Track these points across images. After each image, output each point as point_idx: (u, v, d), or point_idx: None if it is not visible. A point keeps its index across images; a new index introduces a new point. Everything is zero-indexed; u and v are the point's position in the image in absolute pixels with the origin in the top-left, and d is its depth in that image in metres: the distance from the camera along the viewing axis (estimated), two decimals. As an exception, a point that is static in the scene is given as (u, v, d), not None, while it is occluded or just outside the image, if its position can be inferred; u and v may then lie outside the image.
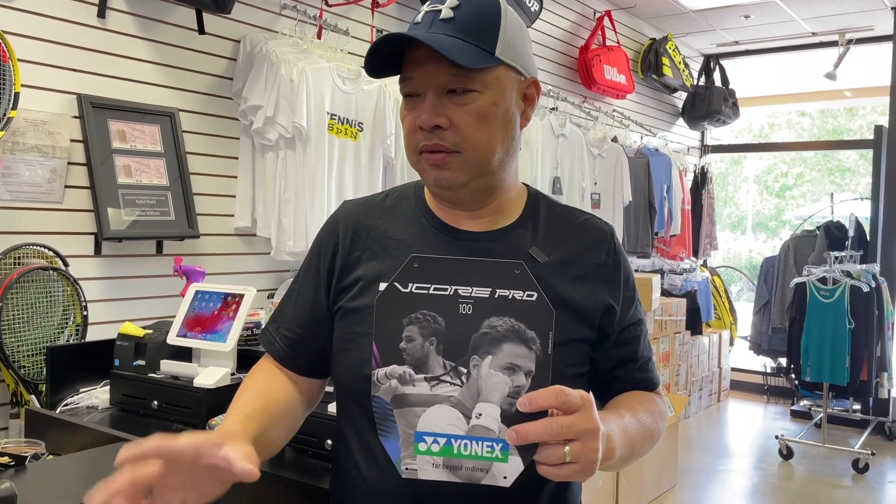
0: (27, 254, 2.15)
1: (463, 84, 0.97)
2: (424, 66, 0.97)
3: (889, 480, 4.40)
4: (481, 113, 0.98)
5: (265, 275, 2.97)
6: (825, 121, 12.08)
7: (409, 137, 1.02)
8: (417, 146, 1.01)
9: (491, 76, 0.99)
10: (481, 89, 0.98)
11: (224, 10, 2.52)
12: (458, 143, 0.98)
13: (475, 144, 0.99)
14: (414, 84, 1.00)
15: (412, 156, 1.03)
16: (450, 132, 0.98)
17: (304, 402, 1.10)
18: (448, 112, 0.98)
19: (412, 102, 1.01)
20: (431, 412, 0.86)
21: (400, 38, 0.97)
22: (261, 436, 0.94)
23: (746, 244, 11.88)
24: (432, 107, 0.98)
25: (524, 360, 0.85)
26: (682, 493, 4.03)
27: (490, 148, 1.00)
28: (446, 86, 0.98)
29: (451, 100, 0.98)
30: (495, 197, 1.06)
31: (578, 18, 4.95)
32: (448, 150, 0.99)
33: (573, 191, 4.35)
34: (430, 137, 0.99)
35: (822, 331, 4.65)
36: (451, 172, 1.00)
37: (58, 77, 2.29)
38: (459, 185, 1.01)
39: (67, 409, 1.81)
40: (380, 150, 3.00)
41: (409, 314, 0.87)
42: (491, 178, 1.03)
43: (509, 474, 0.85)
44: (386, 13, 3.43)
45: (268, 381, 1.07)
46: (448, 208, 1.07)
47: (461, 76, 0.97)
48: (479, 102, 0.98)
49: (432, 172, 1.01)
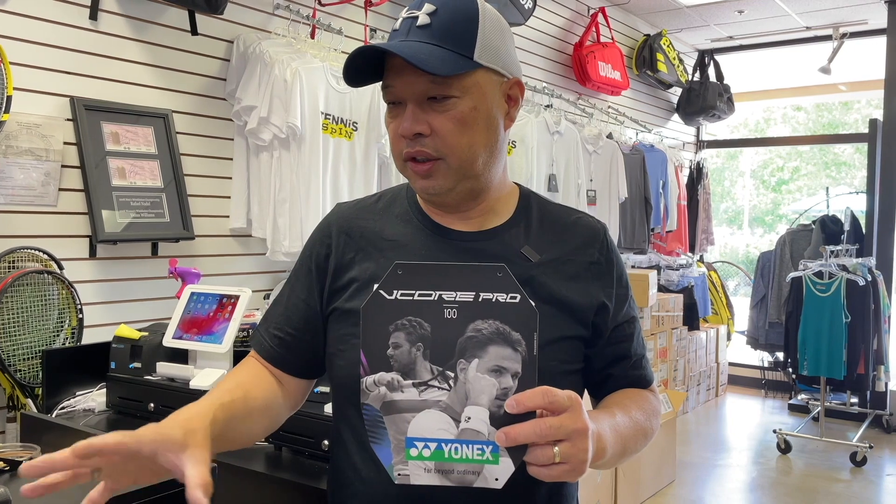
0: (22, 257, 2.14)
1: (442, 91, 0.98)
2: (403, 75, 0.98)
3: (887, 473, 4.42)
4: (462, 118, 0.99)
5: (261, 275, 2.97)
6: (820, 115, 12.09)
7: (394, 144, 1.03)
8: (402, 153, 1.02)
9: (470, 81, 0.99)
10: (461, 94, 0.99)
11: (217, 10, 2.52)
12: (441, 149, 0.99)
13: (457, 150, 0.99)
14: (394, 92, 1.01)
15: (398, 162, 1.04)
16: (431, 139, 0.99)
17: (288, 401, 1.11)
18: (429, 119, 0.99)
19: (395, 110, 1.02)
20: (421, 417, 0.86)
21: (373, 51, 0.98)
22: (231, 426, 0.95)
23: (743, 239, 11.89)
24: (412, 115, 0.99)
25: (510, 362, 0.86)
26: (680, 488, 4.03)
27: (472, 152, 1.01)
28: (425, 93, 0.98)
29: (431, 107, 0.99)
30: (483, 198, 1.07)
31: (572, 15, 4.94)
32: (432, 158, 1.00)
33: (569, 188, 4.35)
34: (413, 145, 1.00)
35: (819, 325, 4.66)
36: (437, 180, 1.01)
37: (50, 80, 2.29)
38: (446, 190, 1.02)
39: (64, 412, 1.81)
40: (374, 150, 2.99)
41: (395, 321, 0.88)
42: (476, 181, 1.04)
43: (500, 476, 0.85)
44: (379, 12, 3.43)
45: (250, 375, 1.08)
46: (439, 210, 1.08)
47: (439, 83, 0.97)
48: (459, 108, 0.99)
49: (418, 181, 1.03)
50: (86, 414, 1.81)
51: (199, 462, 0.79)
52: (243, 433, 1.00)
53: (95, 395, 1.86)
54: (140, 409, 1.75)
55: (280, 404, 1.09)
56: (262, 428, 1.06)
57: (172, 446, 0.80)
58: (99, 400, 1.84)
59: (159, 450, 0.80)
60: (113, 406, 1.81)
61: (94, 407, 1.82)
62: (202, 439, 0.84)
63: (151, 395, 1.74)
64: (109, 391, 1.82)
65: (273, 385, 1.08)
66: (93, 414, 1.81)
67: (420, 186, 1.03)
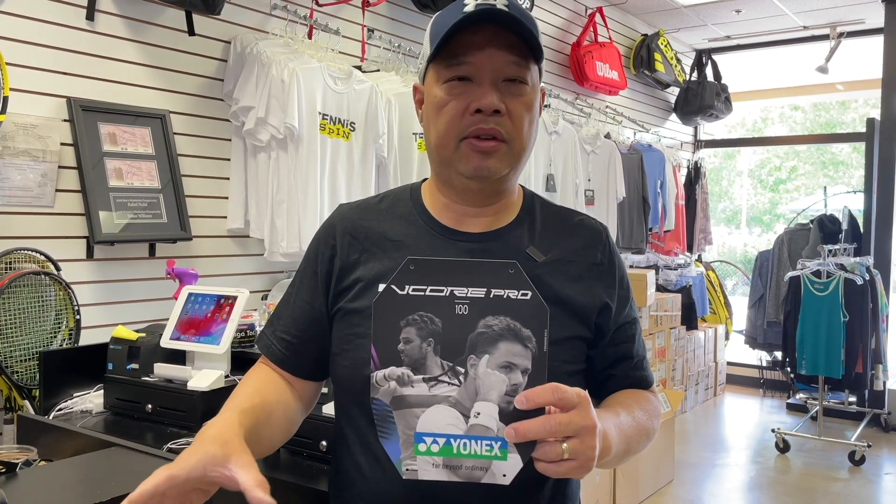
0: (18, 258, 2.14)
1: (521, 73, 0.99)
2: (485, 50, 0.97)
3: (885, 472, 4.42)
4: (530, 106, 1.00)
5: (259, 276, 2.97)
6: (818, 114, 12.10)
7: (454, 122, 0.99)
8: (464, 131, 0.99)
9: (534, 73, 1.01)
10: (529, 83, 1.00)
11: (214, 11, 2.51)
12: (511, 132, 0.99)
13: (523, 136, 1.00)
14: (470, 67, 0.98)
15: (451, 141, 1.00)
16: (506, 119, 0.99)
17: (301, 404, 1.10)
18: (505, 100, 0.98)
19: (459, 87, 0.99)
20: (430, 412, 0.87)
21: (489, 12, 0.94)
22: (255, 431, 0.94)
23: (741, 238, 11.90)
24: (493, 91, 0.98)
25: (520, 359, 0.86)
26: (679, 488, 4.04)
27: (529, 143, 1.03)
28: (504, 73, 0.98)
29: (507, 89, 0.99)
30: (504, 196, 1.08)
31: (570, 15, 4.95)
32: (500, 138, 0.99)
33: (567, 188, 4.35)
34: (488, 122, 0.98)
35: (817, 324, 4.66)
36: (495, 162, 1.00)
37: (47, 80, 2.28)
38: (498, 175, 1.01)
39: (61, 413, 1.80)
40: (372, 150, 2.99)
41: (407, 316, 0.88)
42: (515, 175, 1.05)
43: (509, 472, 0.86)
44: (376, 12, 3.42)
45: (263, 381, 1.07)
46: (450, 208, 1.07)
47: (520, 65, 0.98)
48: (529, 96, 1.00)
49: (474, 159, 0.99)
50: (83, 415, 1.80)
51: (246, 466, 0.81)
52: (266, 438, 0.99)
53: (93, 397, 1.85)
54: (138, 410, 1.74)
55: (295, 408, 1.08)
56: (282, 433, 1.05)
57: (217, 462, 0.81)
58: (96, 401, 1.83)
59: (207, 468, 0.81)
60: (110, 407, 1.81)
61: (91, 408, 1.82)
62: (240, 445, 0.85)
63: (149, 397, 1.73)
64: (107, 392, 1.82)
65: (286, 389, 1.08)
66: (90, 415, 1.80)
67: (474, 166, 0.99)
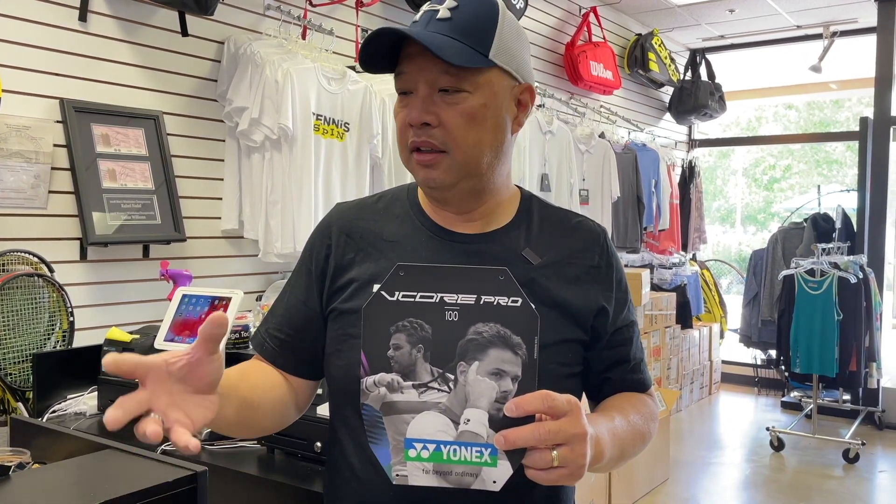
0: (11, 260, 2.13)
1: (454, 83, 0.98)
2: (416, 62, 0.98)
3: (880, 470, 4.44)
4: (471, 114, 0.99)
5: (253, 277, 2.96)
6: (812, 113, 12.13)
7: (401, 134, 1.03)
8: (408, 143, 1.01)
9: (483, 78, 0.99)
10: (472, 90, 0.99)
11: (207, 11, 2.50)
12: (447, 142, 0.99)
13: (463, 145, 0.99)
14: (406, 80, 1.00)
15: (403, 152, 1.04)
16: (438, 130, 0.99)
17: (294, 397, 1.10)
18: (438, 110, 0.98)
19: (405, 100, 1.01)
20: (420, 419, 0.87)
21: (389, 33, 0.97)
22: (242, 406, 0.94)
23: (736, 237, 11.92)
24: (422, 103, 0.99)
25: (510, 366, 0.86)
26: (674, 486, 4.04)
27: (477, 150, 1.00)
28: (437, 83, 0.98)
29: (442, 98, 0.99)
30: (486, 200, 1.07)
31: (564, 15, 4.95)
32: (436, 150, 0.99)
33: (561, 187, 4.35)
34: (420, 134, 0.99)
35: (811, 322, 4.68)
36: (439, 172, 1.00)
37: (40, 82, 2.27)
38: (447, 185, 1.01)
39: (55, 415, 1.80)
40: (366, 150, 2.99)
41: (396, 322, 0.88)
42: (479, 181, 1.03)
43: (498, 479, 0.86)
44: (370, 12, 3.42)
45: (257, 368, 1.08)
46: (441, 210, 1.08)
47: (452, 74, 0.97)
48: (469, 103, 0.98)
49: (420, 172, 1.02)
50: (77, 418, 1.80)
51: None
52: (252, 420, 0.99)
53: (86, 399, 1.85)
54: (132, 412, 1.74)
55: (286, 397, 1.08)
56: (269, 420, 1.04)
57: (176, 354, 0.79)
58: (90, 403, 1.83)
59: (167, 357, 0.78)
60: (104, 410, 1.80)
61: (85, 410, 1.81)
62: None
63: (143, 398, 1.72)
64: (101, 394, 1.81)
65: (279, 380, 1.08)
66: (84, 417, 1.80)
67: (422, 177, 1.02)
